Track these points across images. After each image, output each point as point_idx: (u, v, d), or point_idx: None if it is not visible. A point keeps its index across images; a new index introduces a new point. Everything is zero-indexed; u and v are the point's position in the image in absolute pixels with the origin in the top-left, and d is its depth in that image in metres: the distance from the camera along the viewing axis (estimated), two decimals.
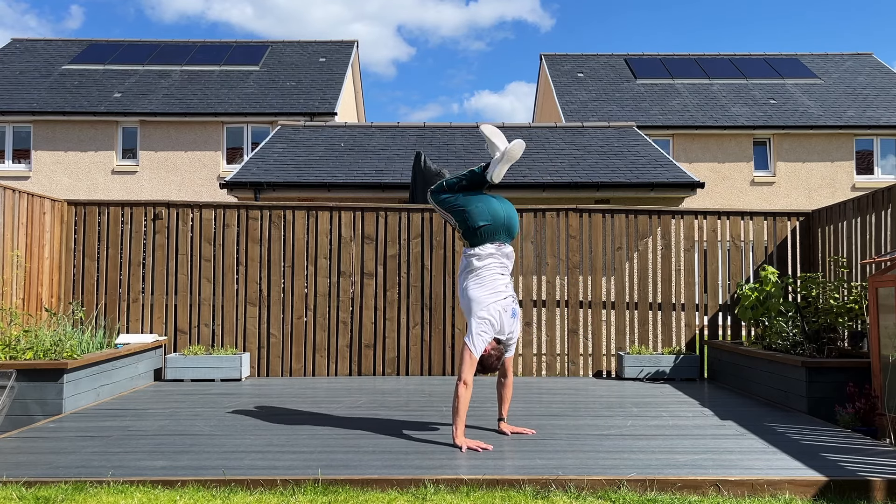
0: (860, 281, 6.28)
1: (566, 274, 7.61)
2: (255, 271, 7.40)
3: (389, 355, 7.42)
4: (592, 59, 19.81)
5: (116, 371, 6.15)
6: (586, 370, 7.57)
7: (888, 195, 5.90)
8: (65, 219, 7.26)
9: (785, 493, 3.49)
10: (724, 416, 5.25)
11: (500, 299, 4.33)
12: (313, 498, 3.37)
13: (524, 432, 4.60)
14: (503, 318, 4.32)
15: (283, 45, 19.62)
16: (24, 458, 3.98)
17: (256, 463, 3.86)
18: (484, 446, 4.14)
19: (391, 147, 12.34)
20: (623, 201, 10.60)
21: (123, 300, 7.30)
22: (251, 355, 7.31)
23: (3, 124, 15.85)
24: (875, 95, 17.21)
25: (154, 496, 3.37)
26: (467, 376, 4.21)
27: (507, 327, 4.35)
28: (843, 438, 4.53)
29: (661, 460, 3.91)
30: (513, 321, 4.40)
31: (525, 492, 3.47)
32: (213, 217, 7.42)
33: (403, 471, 3.68)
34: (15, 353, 5.41)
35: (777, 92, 17.39)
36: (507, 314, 4.34)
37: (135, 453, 4.08)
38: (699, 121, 15.96)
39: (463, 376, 4.21)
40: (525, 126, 13.77)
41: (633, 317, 7.60)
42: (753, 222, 7.68)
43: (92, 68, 17.68)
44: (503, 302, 4.34)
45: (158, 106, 15.83)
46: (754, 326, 7.29)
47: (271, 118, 15.58)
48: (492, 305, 4.28)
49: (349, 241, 7.49)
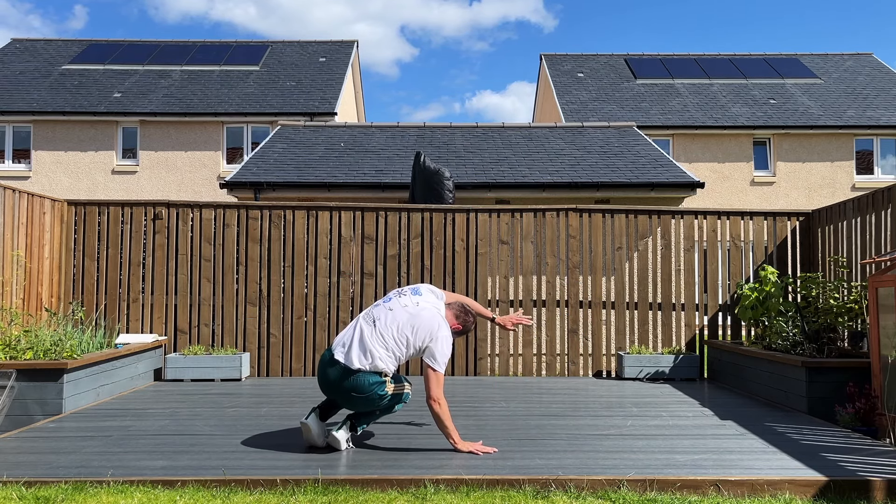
0: (860, 281, 6.28)
1: (566, 274, 7.61)
2: (255, 271, 7.40)
3: None
4: (592, 58, 19.81)
5: (116, 371, 6.15)
6: (586, 370, 7.57)
7: (888, 195, 5.90)
8: (65, 219, 7.26)
9: (785, 493, 3.49)
10: (724, 416, 5.25)
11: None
12: (313, 498, 3.37)
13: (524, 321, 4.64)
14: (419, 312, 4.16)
15: (283, 45, 19.62)
16: (24, 457, 3.97)
17: (256, 463, 3.85)
18: (485, 449, 4.07)
19: (391, 147, 12.34)
20: (623, 201, 10.60)
21: (123, 300, 7.30)
22: (251, 355, 7.31)
23: (3, 124, 15.85)
24: (875, 95, 17.21)
25: (154, 496, 3.37)
26: (438, 392, 4.00)
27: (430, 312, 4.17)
28: (843, 438, 4.53)
29: (661, 460, 3.91)
30: (420, 297, 4.24)
31: (525, 492, 3.47)
32: (213, 217, 7.42)
33: (403, 471, 3.68)
34: (15, 353, 5.41)
35: (777, 92, 17.39)
36: (415, 306, 4.18)
37: (135, 453, 4.07)
38: (699, 121, 15.96)
39: (433, 394, 4.00)
40: (525, 126, 13.77)
41: (633, 317, 7.60)
42: (753, 222, 7.68)
43: (92, 68, 17.68)
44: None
45: (158, 106, 15.83)
46: (754, 326, 7.28)
47: (271, 118, 15.58)
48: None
49: (349, 241, 7.49)
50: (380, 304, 4.28)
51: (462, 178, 10.51)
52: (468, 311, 4.36)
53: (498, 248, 7.51)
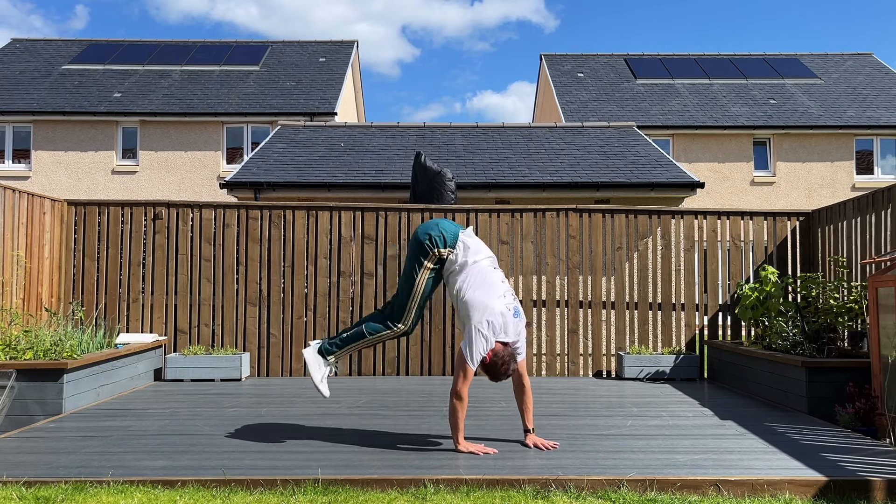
0: (860, 281, 6.28)
1: (566, 274, 7.61)
2: (255, 271, 7.40)
3: (389, 355, 7.42)
4: (592, 58, 19.81)
5: (116, 371, 6.15)
6: (586, 370, 7.57)
7: (888, 195, 5.90)
8: (65, 219, 7.26)
9: (785, 493, 3.49)
10: (724, 416, 5.25)
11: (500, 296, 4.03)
12: (313, 498, 3.37)
13: (550, 447, 4.17)
14: (506, 319, 4.01)
15: (283, 45, 19.63)
16: (24, 458, 3.97)
17: (256, 463, 3.85)
18: (485, 450, 4.05)
19: (391, 147, 12.34)
20: (623, 201, 10.60)
21: (123, 300, 7.30)
22: (251, 355, 7.31)
23: (3, 124, 15.85)
24: (875, 95, 17.21)
25: (154, 496, 3.37)
26: (462, 389, 3.97)
27: (511, 330, 4.03)
28: (842, 438, 4.53)
29: (661, 460, 3.91)
30: (517, 321, 4.08)
31: (525, 492, 3.47)
32: (213, 217, 7.42)
33: (403, 471, 3.68)
34: (15, 353, 5.41)
35: (777, 92, 17.39)
36: (510, 314, 4.05)
37: (135, 453, 4.07)
38: (699, 121, 15.96)
39: (457, 388, 3.97)
40: (525, 126, 13.77)
41: (633, 317, 7.60)
42: (753, 222, 7.68)
43: (92, 68, 17.68)
44: (503, 301, 4.04)
45: (158, 106, 15.83)
46: (754, 326, 7.28)
47: (271, 118, 15.58)
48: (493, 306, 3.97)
49: (349, 241, 7.49)
50: (496, 272, 4.20)
51: (462, 178, 10.50)
52: (510, 363, 3.98)
53: (498, 248, 7.51)
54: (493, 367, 3.98)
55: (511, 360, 3.99)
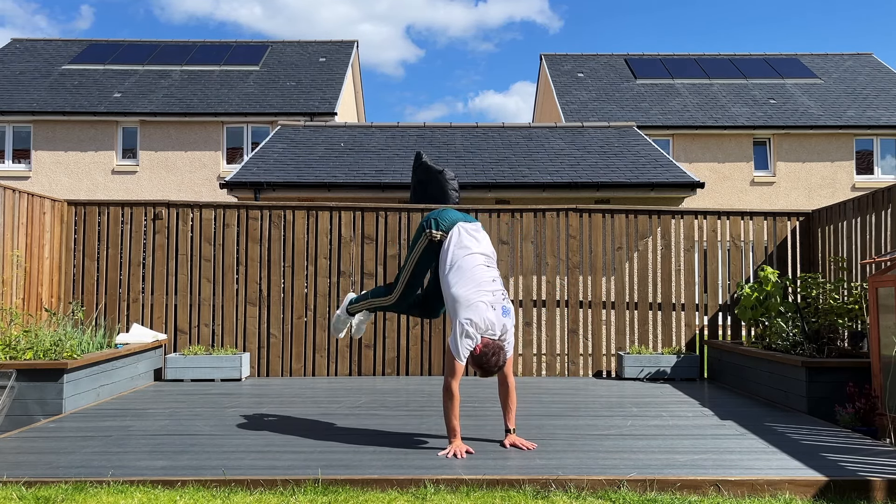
0: (860, 281, 6.28)
1: (566, 274, 7.61)
2: (255, 271, 7.40)
3: (389, 355, 7.42)
4: (592, 58, 19.81)
5: (116, 371, 6.15)
6: (586, 370, 7.57)
7: (888, 195, 5.90)
8: (65, 219, 7.26)
9: (785, 493, 3.49)
10: (724, 416, 5.25)
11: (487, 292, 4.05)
12: (313, 498, 3.37)
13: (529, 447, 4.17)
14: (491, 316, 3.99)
15: (283, 45, 19.62)
16: (24, 458, 3.98)
17: (256, 463, 3.86)
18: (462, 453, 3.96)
19: (391, 147, 12.34)
20: (623, 201, 10.60)
21: (123, 300, 7.30)
22: (251, 355, 7.31)
23: (3, 124, 15.85)
24: (875, 95, 17.21)
25: (154, 496, 3.37)
26: (453, 384, 3.97)
27: (498, 328, 4.02)
28: (843, 438, 4.53)
29: (661, 460, 3.91)
30: (504, 319, 4.05)
31: (525, 492, 3.47)
32: (213, 217, 7.42)
33: (403, 471, 3.68)
34: (15, 353, 5.41)
35: (777, 92, 17.39)
36: (497, 312, 4.02)
37: (135, 453, 4.08)
38: (699, 121, 15.96)
39: (447, 384, 3.97)
40: (525, 126, 13.77)
41: (633, 317, 7.60)
42: (753, 222, 7.68)
43: (92, 68, 17.67)
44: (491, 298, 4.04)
45: (158, 106, 15.83)
46: (754, 326, 7.29)
47: (271, 118, 15.58)
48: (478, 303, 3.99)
49: (349, 241, 7.49)
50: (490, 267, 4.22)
51: (462, 178, 10.50)
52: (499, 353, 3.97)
53: (498, 248, 7.51)
54: (483, 357, 3.97)
55: (500, 351, 3.98)
